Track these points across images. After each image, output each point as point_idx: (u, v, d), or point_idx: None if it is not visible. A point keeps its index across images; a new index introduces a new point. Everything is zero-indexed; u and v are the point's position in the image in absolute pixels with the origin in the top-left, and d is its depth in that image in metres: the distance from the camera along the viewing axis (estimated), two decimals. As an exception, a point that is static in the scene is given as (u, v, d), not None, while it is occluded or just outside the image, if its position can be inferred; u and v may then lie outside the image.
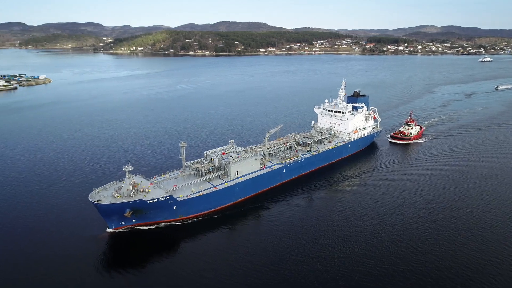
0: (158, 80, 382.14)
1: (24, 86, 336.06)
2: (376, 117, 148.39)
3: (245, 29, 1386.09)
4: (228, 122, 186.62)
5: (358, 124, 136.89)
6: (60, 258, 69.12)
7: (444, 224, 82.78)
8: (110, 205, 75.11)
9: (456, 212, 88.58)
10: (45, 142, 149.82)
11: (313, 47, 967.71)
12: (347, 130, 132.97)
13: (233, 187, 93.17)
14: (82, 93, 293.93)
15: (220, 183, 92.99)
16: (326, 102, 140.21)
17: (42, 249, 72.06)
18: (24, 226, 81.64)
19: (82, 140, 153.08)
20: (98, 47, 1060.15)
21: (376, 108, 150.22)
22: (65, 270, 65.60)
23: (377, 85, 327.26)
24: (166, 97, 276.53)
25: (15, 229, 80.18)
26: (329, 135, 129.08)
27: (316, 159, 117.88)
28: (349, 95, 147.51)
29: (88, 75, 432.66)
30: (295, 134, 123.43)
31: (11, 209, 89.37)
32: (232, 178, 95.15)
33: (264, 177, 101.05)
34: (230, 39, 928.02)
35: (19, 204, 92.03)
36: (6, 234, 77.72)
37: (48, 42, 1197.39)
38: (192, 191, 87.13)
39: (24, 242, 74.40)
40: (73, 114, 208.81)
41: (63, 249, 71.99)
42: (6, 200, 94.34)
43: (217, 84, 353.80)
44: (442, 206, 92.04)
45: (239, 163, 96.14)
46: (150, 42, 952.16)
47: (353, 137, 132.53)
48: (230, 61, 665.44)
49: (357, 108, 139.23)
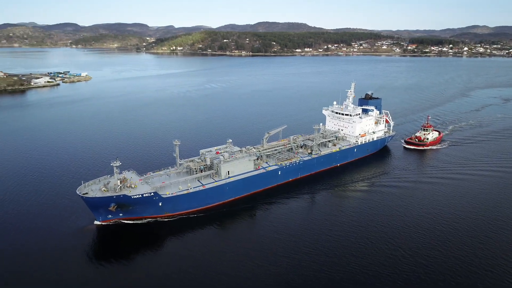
0: (190, 79, 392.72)
1: (66, 82, 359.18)
2: (389, 121, 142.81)
3: (284, 29, 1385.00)
4: (238, 122, 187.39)
5: (367, 127, 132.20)
6: (48, 247, 72.72)
7: (447, 237, 77.81)
8: (95, 199, 77.93)
9: (463, 223, 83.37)
10: (62, 136, 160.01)
11: (351, 48, 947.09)
12: (354, 134, 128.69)
13: (223, 186, 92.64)
14: (117, 90, 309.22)
15: (210, 182, 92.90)
16: (334, 104, 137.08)
17: (32, 238, 75.91)
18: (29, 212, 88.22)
19: (93, 135, 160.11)
20: (140, 47, 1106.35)
21: (389, 112, 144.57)
22: (52, 260, 68.95)
23: (407, 88, 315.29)
24: (194, 95, 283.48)
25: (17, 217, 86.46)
26: (335, 138, 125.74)
27: (316, 162, 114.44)
28: (360, 98, 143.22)
29: (126, 73, 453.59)
30: (297, 136, 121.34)
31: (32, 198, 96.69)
32: (223, 177, 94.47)
33: (256, 178, 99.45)
34: (267, 40, 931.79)
35: (31, 194, 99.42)
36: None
37: (95, 41, 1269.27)
38: (180, 188, 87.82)
39: (15, 231, 78.64)
40: (100, 110, 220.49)
41: (52, 238, 75.83)
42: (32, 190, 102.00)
43: (246, 83, 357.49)
44: (442, 214, 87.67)
45: (231, 163, 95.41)
46: (189, 42, 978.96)
47: (360, 141, 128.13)
48: (265, 61, 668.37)
49: (367, 111, 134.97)
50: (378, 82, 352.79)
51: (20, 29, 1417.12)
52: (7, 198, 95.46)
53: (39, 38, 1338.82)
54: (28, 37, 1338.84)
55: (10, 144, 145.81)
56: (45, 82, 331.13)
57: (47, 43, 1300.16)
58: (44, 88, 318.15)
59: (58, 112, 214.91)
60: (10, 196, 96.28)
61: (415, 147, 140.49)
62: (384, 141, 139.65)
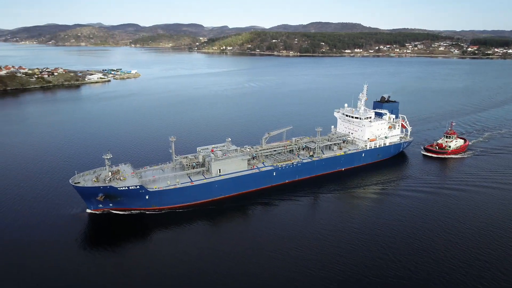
0: (232, 78, 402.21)
1: (117, 79, 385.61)
2: (406, 126, 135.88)
3: (338, 29, 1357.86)
4: (251, 122, 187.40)
5: (379, 132, 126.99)
6: (42, 232, 78.55)
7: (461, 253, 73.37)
8: (84, 188, 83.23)
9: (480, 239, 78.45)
10: (87, 128, 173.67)
11: (405, 49, 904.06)
12: (363, 138, 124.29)
13: (211, 184, 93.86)
14: (159, 87, 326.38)
15: (200, 179, 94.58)
16: (345, 106, 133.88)
17: (28, 221, 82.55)
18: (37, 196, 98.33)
19: (114, 129, 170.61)
20: (192, 46, 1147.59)
21: (406, 116, 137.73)
22: (44, 241, 75.32)
23: (452, 91, 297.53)
24: (230, 94, 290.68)
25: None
26: (341, 141, 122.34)
27: (317, 165, 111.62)
28: (375, 100, 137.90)
29: (173, 71, 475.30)
30: (300, 138, 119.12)
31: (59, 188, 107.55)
32: (214, 175, 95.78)
33: (249, 177, 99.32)
34: (316, 40, 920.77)
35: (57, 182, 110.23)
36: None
37: (152, 41, 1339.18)
38: (168, 183, 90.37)
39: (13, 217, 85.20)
40: (136, 105, 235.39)
41: (47, 223, 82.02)
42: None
43: (285, 83, 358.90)
44: (453, 228, 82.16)
45: (222, 162, 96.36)
46: (239, 42, 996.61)
47: (369, 145, 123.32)
48: (311, 62, 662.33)
49: (381, 115, 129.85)
50: (419, 85, 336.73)
51: (87, 29, 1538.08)
52: (22, 183, 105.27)
53: (103, 38, 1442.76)
54: (94, 36, 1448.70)
55: (45, 133, 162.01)
56: (98, 79, 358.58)
57: (110, 42, 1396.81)
58: (96, 84, 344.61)
59: (101, 106, 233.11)
60: (27, 182, 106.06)
61: (434, 155, 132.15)
62: (399, 146, 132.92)
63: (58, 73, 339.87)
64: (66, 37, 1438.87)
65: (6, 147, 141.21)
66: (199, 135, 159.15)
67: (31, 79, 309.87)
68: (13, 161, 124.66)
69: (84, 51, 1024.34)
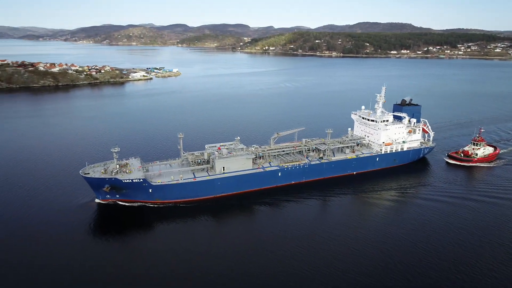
0: (269, 78, 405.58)
1: (158, 77, 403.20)
2: (428, 130, 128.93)
3: (386, 30, 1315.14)
4: (270, 121, 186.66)
5: (396, 136, 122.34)
6: (54, 217, 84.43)
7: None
8: (92, 179, 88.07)
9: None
10: (115, 123, 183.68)
11: (456, 51, 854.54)
12: (378, 141, 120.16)
13: (214, 181, 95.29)
14: (197, 86, 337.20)
15: (204, 175, 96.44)
16: (362, 109, 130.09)
17: (40, 211, 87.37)
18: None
19: (138, 125, 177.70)
20: (236, 46, 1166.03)
21: (427, 121, 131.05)
22: (56, 226, 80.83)
23: (497, 96, 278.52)
24: (264, 93, 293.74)
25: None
26: (355, 144, 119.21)
27: (326, 167, 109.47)
28: (395, 103, 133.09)
29: (213, 71, 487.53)
30: (311, 139, 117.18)
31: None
32: (217, 172, 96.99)
33: (252, 176, 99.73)
34: (360, 40, 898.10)
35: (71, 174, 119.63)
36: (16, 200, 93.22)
37: (198, 41, 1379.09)
38: (172, 178, 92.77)
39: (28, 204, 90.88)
40: (169, 103, 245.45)
41: (59, 210, 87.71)
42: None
43: (321, 84, 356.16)
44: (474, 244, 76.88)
45: (226, 160, 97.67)
46: (281, 42, 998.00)
47: (384, 149, 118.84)
48: (353, 63, 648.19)
49: (401, 118, 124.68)
50: (460, 89, 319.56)
51: (138, 29, 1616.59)
52: (45, 170, 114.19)
53: (152, 38, 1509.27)
54: (144, 36, 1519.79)
55: (80, 126, 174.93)
56: (141, 76, 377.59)
57: (158, 42, 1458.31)
58: (139, 82, 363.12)
59: (137, 103, 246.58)
60: (49, 170, 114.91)
61: (458, 163, 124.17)
62: (418, 152, 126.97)
63: (105, 71, 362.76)
64: (119, 37, 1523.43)
65: (46, 136, 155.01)
66: (214, 133, 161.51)
67: (81, 76, 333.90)
68: (46, 150, 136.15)
69: (134, 50, 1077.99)
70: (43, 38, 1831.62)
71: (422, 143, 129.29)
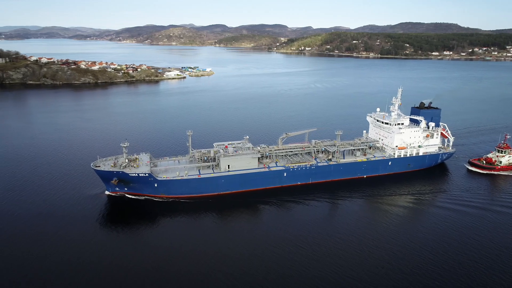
0: (300, 78, 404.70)
1: (192, 76, 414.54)
2: (447, 135, 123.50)
3: (429, 30, 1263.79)
4: (287, 121, 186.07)
5: (411, 140, 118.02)
6: (66, 205, 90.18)
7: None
8: (101, 172, 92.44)
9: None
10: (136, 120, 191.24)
11: (505, 52, 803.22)
12: (392, 145, 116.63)
13: (218, 178, 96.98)
14: (229, 85, 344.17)
15: (208, 173, 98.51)
16: (378, 111, 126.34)
17: (54, 200, 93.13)
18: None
19: (159, 122, 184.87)
20: (272, 47, 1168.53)
21: (447, 125, 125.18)
22: (67, 213, 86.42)
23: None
24: (293, 93, 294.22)
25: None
26: (367, 147, 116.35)
27: (334, 169, 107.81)
28: (413, 106, 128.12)
29: (245, 70, 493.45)
30: (321, 141, 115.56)
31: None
32: (222, 170, 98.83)
33: (257, 176, 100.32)
34: (400, 41, 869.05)
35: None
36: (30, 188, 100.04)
37: (235, 41, 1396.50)
38: (177, 174, 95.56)
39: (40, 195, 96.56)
40: (197, 101, 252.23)
41: (71, 199, 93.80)
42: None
43: (352, 85, 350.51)
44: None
45: (230, 158, 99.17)
46: (317, 42, 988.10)
47: (397, 153, 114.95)
48: (390, 64, 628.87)
49: (419, 122, 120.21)
50: (488, 92, 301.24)
51: (178, 29, 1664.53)
52: (65, 161, 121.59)
53: (191, 38, 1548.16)
54: (183, 36, 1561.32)
55: (107, 122, 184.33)
56: (174, 75, 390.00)
57: (197, 42, 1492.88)
58: (173, 80, 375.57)
59: (166, 100, 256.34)
60: (68, 160, 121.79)
61: (480, 170, 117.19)
62: (436, 157, 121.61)
63: (141, 69, 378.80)
64: (159, 37, 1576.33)
65: (77, 130, 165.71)
66: (226, 131, 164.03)
67: (118, 74, 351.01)
68: (74, 143, 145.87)
69: (173, 50, 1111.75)
70: (90, 38, 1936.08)
71: (441, 148, 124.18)
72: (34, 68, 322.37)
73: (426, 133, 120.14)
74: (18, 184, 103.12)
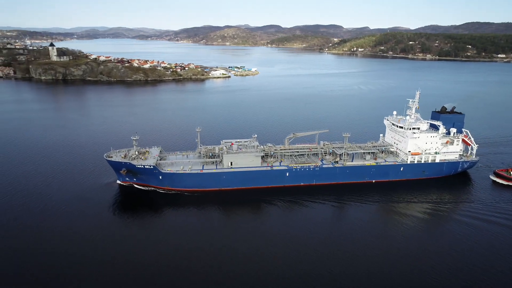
0: (345, 79, 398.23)
1: (236, 75, 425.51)
2: (470, 143, 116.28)
3: (500, 31, 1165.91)
4: (307, 122, 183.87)
5: (428, 145, 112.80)
6: (80, 192, 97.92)
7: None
8: (112, 162, 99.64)
9: None
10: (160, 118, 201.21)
11: None
12: (405, 150, 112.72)
13: (219, 174, 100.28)
14: (271, 84, 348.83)
15: (211, 168, 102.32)
16: (394, 114, 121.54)
17: (70, 187, 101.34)
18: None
19: (189, 119, 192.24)
20: (323, 47, 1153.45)
21: (469, 131, 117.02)
22: (80, 200, 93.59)
23: None
24: (335, 94, 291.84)
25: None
26: (378, 151, 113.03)
27: (339, 172, 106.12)
28: (434, 110, 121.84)
29: (291, 71, 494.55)
30: (329, 143, 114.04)
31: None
32: (225, 167, 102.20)
33: (258, 174, 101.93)
34: (461, 42, 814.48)
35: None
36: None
37: (287, 42, 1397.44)
38: (181, 168, 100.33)
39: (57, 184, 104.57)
40: (238, 99, 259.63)
41: (87, 186, 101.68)
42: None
43: (397, 87, 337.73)
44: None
45: (233, 155, 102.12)
46: (371, 43, 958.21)
47: (409, 159, 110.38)
48: (448, 67, 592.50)
49: (437, 127, 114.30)
50: None
51: (232, 30, 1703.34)
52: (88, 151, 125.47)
53: (244, 38, 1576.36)
54: (237, 37, 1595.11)
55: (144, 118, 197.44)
56: (220, 74, 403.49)
57: (249, 42, 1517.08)
58: (218, 79, 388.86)
59: (206, 98, 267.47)
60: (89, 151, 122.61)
61: (505, 182, 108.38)
62: (455, 165, 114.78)
63: (189, 68, 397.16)
64: (214, 37, 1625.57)
65: (117, 124, 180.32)
66: (238, 129, 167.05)
67: (167, 72, 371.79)
68: (108, 135, 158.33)
69: (226, 50, 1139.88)
70: (151, 38, 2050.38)
71: (462, 156, 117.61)
72: (92, 66, 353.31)
73: (445, 139, 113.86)
74: (55, 168, 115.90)
